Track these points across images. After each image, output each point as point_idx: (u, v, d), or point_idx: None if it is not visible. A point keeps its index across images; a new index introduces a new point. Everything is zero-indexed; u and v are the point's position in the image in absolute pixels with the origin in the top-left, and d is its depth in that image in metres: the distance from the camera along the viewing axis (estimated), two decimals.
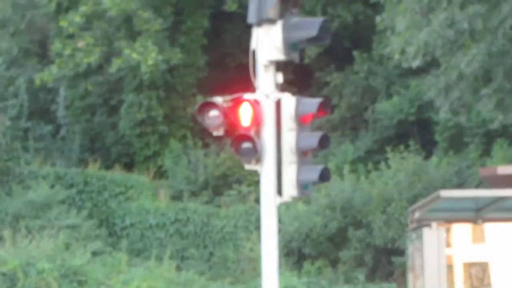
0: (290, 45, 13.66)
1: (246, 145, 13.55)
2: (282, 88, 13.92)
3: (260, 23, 13.52)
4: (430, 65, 26.40)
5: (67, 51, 31.25)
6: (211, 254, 27.76)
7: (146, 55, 30.49)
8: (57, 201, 28.29)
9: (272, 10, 13.46)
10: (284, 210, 25.29)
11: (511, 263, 17.99)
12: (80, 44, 31.24)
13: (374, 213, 26.58)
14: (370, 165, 28.50)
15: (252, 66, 13.72)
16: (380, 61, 30.67)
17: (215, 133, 14.31)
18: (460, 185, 26.86)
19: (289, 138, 13.64)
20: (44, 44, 33.83)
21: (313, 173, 13.83)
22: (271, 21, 13.49)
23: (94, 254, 25.82)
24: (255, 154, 13.54)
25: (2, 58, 31.37)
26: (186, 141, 31.89)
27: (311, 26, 13.78)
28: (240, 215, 28.23)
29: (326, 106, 14.54)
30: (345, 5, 30.22)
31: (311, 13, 26.78)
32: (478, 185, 26.44)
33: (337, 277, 25.88)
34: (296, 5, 13.95)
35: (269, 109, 13.70)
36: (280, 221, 14.03)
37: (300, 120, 13.76)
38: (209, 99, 13.92)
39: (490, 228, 17.69)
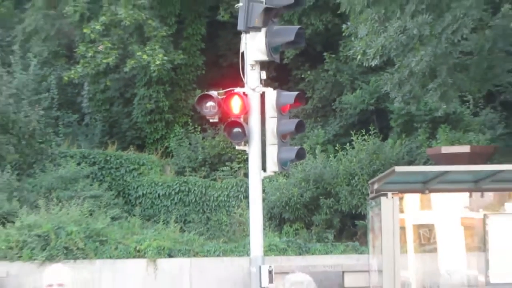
0: (272, 48, 13.69)
1: (236, 130, 13.62)
2: (266, 83, 13.98)
3: (247, 30, 13.56)
4: (386, 64, 26.44)
5: (90, 53, 31.21)
6: (208, 218, 27.79)
7: (154, 57, 30.47)
8: (83, 176, 28.32)
9: (257, 19, 13.49)
10: (267, 182, 25.30)
11: (452, 225, 18.07)
12: (100, 47, 31.19)
13: (341, 185, 26.61)
14: (337, 146, 28.52)
15: (241, 65, 13.76)
16: (345, 61, 30.65)
17: (211, 120, 14.42)
18: (411, 162, 26.92)
19: (271, 124, 13.69)
20: (70, 48, 33.76)
21: (291, 153, 13.89)
22: (257, 29, 13.52)
23: (113, 219, 25.87)
24: (244, 137, 13.61)
25: (36, 59, 31.27)
26: (187, 127, 31.90)
27: (289, 32, 13.82)
28: (232, 187, 28.25)
29: (301, 98, 14.60)
30: (317, 15, 30.10)
31: (289, 21, 26.70)
32: (426, 162, 26.51)
33: (311, 237, 25.95)
34: (277, 15, 13.98)
35: (255, 101, 13.77)
36: (264, 191, 14.04)
37: (280, 109, 13.82)
38: (206, 92, 13.96)
39: (435, 197, 17.74)
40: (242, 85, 13.61)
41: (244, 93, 13.56)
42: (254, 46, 13.50)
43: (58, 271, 6.77)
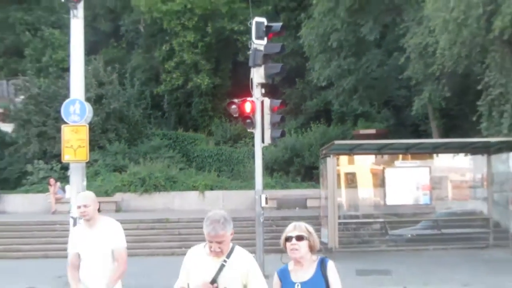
0: (267, 76, 13.69)
1: (248, 121, 13.64)
2: (264, 95, 13.94)
3: (254, 66, 13.55)
4: (330, 85, 26.47)
5: (168, 79, 31.32)
6: (232, 169, 27.84)
7: (203, 80, 30.55)
8: (164, 146, 28.46)
9: (259, 60, 13.48)
10: (265, 149, 25.13)
11: (365, 173, 18.13)
12: (174, 75, 31.27)
13: (305, 151, 26.69)
14: (303, 130, 28.63)
15: (251, 85, 13.76)
16: (308, 83, 30.64)
17: (234, 115, 14.40)
18: (343, 139, 26.87)
19: (267, 117, 13.70)
20: (157, 75, 33.78)
21: (278, 133, 13.90)
22: (259, 65, 13.51)
23: (180, 169, 25.99)
24: (252, 125, 13.61)
25: (138, 81, 31.34)
26: (221, 119, 31.94)
27: (277, 67, 13.80)
28: (245, 152, 28.30)
29: (283, 103, 14.61)
30: (292, 57, 30.06)
31: (277, 60, 26.65)
32: (351, 139, 26.53)
33: (288, 179, 26.03)
34: (271, 58, 13.95)
35: (259, 105, 13.76)
36: (263, 154, 14.14)
37: (272, 110, 13.81)
38: (231, 100, 13.99)
39: (356, 157, 17.79)
40: (251, 96, 13.64)
41: (252, 101, 13.58)
42: (258, 75, 13.52)
43: (84, 196, 5.95)
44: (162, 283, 11.82)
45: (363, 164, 17.85)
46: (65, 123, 12.09)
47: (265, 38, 13.41)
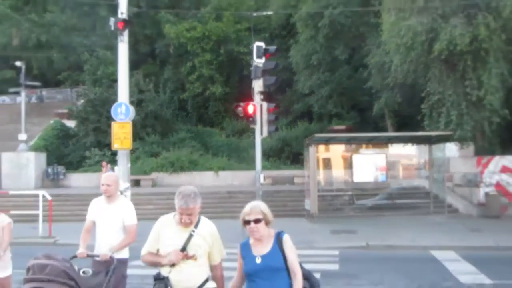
0: (265, 86, 13.59)
1: (250, 119, 13.56)
2: (262, 100, 13.84)
3: (255, 78, 13.46)
4: (312, 92, 26.35)
5: (191, 88, 31.16)
6: (239, 155, 27.68)
7: (217, 89, 30.40)
8: (188, 138, 28.32)
9: (259, 74, 13.39)
10: (263, 140, 25.18)
11: (337, 158, 18.06)
12: (195, 85, 31.11)
13: (293, 141, 26.56)
14: (292, 126, 28.44)
15: (252, 92, 13.67)
16: (295, 91, 30.42)
17: (240, 115, 14.29)
18: (321, 132, 26.72)
19: (265, 116, 13.62)
20: (183, 85, 33.39)
21: (273, 128, 13.83)
22: (259, 77, 13.42)
23: (200, 155, 25.92)
24: (254, 122, 13.53)
25: (169, 89, 31.10)
26: (231, 118, 31.69)
27: (272, 79, 13.72)
28: (249, 142, 28.05)
29: (277, 106, 14.53)
30: (283, 72, 29.65)
31: (272, 75, 26.55)
32: (327, 132, 26.38)
33: (281, 163, 25.93)
34: (268, 73, 13.87)
35: (258, 107, 13.66)
36: (262, 144, 14.10)
37: (268, 111, 13.74)
38: (238, 104, 13.91)
39: (331, 146, 17.71)
40: (253, 100, 13.57)
41: (254, 104, 13.52)
42: (258, 85, 13.47)
43: (107, 176, 5.43)
44: None
45: (336, 152, 17.83)
46: (114, 120, 12.09)
47: (263, 58, 13.40)
